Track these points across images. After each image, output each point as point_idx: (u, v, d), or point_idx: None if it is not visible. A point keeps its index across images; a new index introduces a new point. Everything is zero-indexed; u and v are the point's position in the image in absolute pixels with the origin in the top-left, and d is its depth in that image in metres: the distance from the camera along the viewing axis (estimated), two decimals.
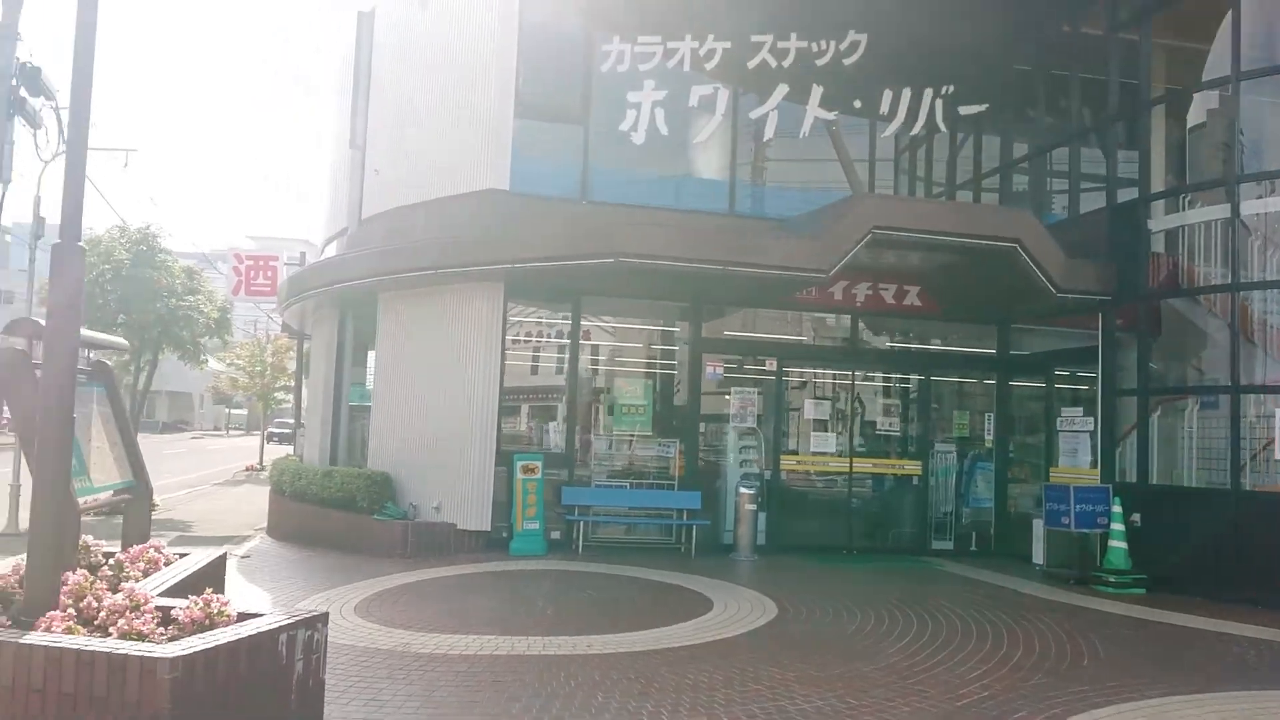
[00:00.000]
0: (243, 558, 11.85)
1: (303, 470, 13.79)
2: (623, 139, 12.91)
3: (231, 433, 72.52)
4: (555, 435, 13.05)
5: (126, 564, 6.20)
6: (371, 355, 14.51)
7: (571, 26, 13.22)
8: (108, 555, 6.66)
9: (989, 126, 14.59)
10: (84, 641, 4.38)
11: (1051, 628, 8.83)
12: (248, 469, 30.12)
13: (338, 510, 12.62)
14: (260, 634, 4.76)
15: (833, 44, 13.44)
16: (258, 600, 9.03)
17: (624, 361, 13.91)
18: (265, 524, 14.98)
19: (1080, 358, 13.48)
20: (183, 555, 6.91)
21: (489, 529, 12.19)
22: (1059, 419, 13.14)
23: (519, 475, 12.06)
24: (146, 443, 8.74)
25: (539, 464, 12.18)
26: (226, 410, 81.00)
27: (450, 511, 12.24)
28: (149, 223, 22.54)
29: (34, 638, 4.43)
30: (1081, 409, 12.83)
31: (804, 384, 14.29)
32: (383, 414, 13.41)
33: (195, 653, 4.30)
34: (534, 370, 13.64)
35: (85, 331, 5.79)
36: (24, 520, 14.30)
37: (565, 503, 12.42)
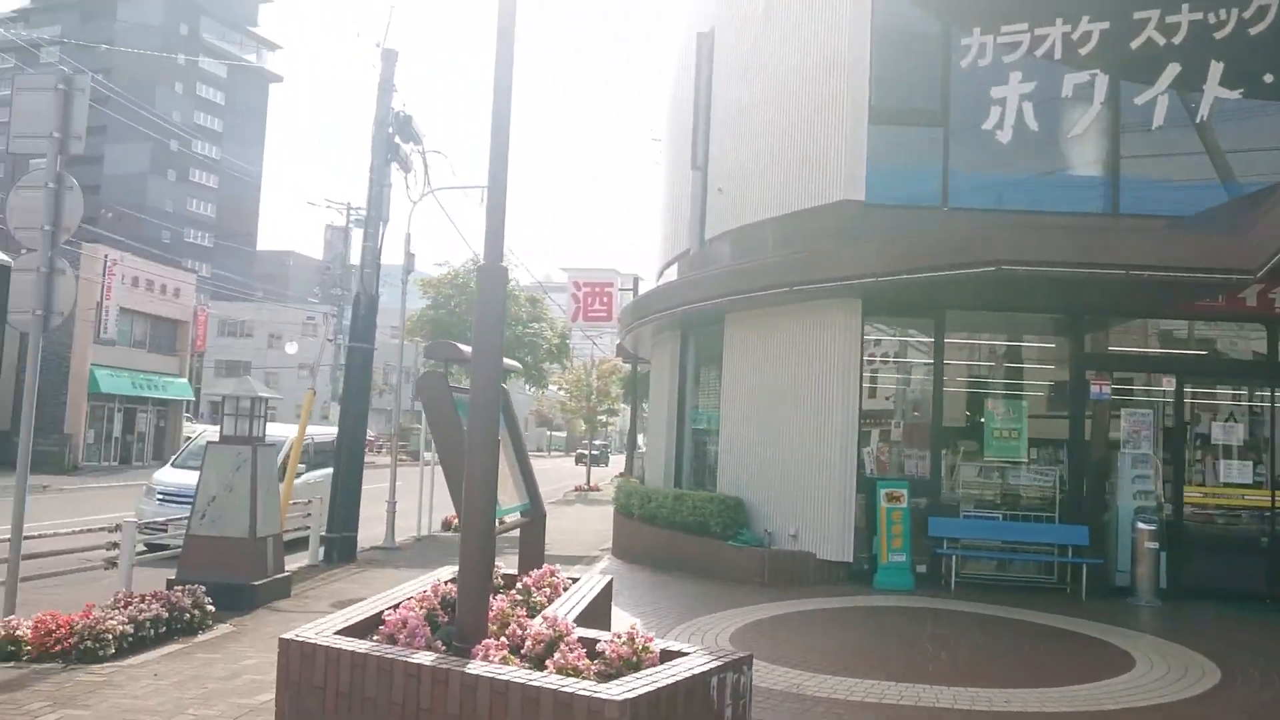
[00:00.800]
0: None
1: (652, 493, 13.76)
2: (986, 138, 11.85)
3: (552, 454, 76.81)
4: (917, 461, 12.09)
5: (532, 588, 6.12)
6: (714, 377, 14.29)
7: (927, 23, 12.37)
8: (507, 578, 6.66)
9: None
10: (528, 675, 4.20)
11: None
12: (576, 489, 31.35)
13: (689, 535, 12.41)
14: (694, 677, 4.41)
15: (1234, 12, 11.61)
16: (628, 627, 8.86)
17: (993, 381, 12.71)
18: (609, 545, 15.15)
19: None
20: (574, 580, 6.81)
21: (850, 560, 11.48)
22: None
23: (883, 504, 11.26)
24: None
25: (904, 492, 11.31)
26: (548, 433, 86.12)
27: (807, 540, 11.67)
28: None
29: (477, 668, 4.31)
30: None
31: (1209, 405, 12.40)
32: (731, 437, 13.10)
33: (640, 695, 4.01)
34: (893, 391, 12.79)
35: None
36: (399, 534, 15.43)
37: (932, 534, 11.45)
